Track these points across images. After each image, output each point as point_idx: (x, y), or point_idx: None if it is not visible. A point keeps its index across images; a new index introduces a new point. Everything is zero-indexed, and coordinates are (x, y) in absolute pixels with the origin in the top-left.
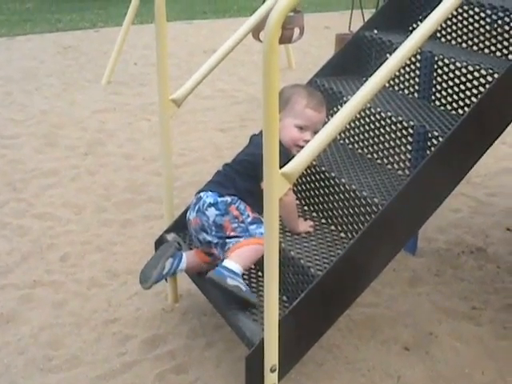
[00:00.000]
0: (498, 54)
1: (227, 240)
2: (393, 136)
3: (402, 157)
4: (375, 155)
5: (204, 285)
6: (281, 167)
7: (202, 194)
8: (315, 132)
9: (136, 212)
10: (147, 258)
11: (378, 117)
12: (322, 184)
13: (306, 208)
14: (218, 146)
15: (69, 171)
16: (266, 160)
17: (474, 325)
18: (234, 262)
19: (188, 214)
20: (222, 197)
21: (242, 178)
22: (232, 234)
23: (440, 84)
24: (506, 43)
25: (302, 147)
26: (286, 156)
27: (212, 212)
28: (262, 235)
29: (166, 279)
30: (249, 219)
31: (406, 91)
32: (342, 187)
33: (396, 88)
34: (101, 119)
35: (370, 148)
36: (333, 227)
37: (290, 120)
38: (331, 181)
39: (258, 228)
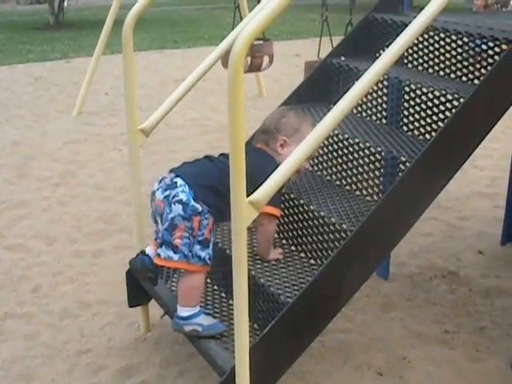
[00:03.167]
0: (464, 78)
1: (163, 246)
2: (361, 162)
3: (371, 182)
4: (344, 181)
5: None
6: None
7: (179, 180)
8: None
9: (108, 242)
10: (119, 288)
11: (345, 143)
12: (291, 211)
13: (275, 236)
14: None
15: (40, 202)
16: (233, 188)
17: (447, 348)
18: (183, 307)
19: (155, 186)
20: (196, 201)
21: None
22: (176, 241)
23: (407, 109)
24: (471, 68)
25: (299, 173)
26: None
27: (177, 209)
28: (199, 260)
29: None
30: (201, 237)
31: (374, 117)
32: (310, 214)
33: (364, 114)
34: (72, 150)
35: (338, 174)
36: (302, 254)
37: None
38: (300, 208)
39: (201, 251)
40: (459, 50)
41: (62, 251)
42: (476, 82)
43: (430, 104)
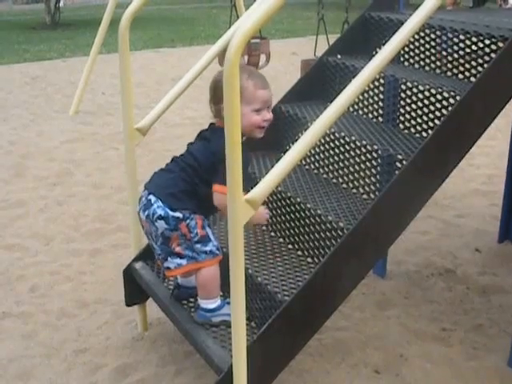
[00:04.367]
0: (461, 76)
1: (169, 258)
2: (357, 160)
3: (367, 181)
4: (340, 180)
5: (173, 313)
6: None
7: (152, 197)
8: (269, 107)
9: (105, 241)
10: (116, 287)
11: (342, 141)
12: (288, 210)
13: (272, 234)
14: None
15: (37, 202)
16: (230, 187)
17: (444, 346)
18: (207, 300)
19: (137, 207)
20: (174, 211)
21: (204, 183)
22: (176, 249)
23: (404, 107)
24: (467, 65)
25: (264, 127)
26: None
27: (161, 225)
28: (206, 255)
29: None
30: (196, 238)
31: (370, 115)
32: (307, 212)
33: (360, 112)
34: (69, 149)
35: (334, 173)
36: (299, 252)
37: (245, 107)
38: (297, 206)
39: (203, 246)
40: (455, 47)
41: (59, 250)
42: (472, 79)
43: (426, 102)
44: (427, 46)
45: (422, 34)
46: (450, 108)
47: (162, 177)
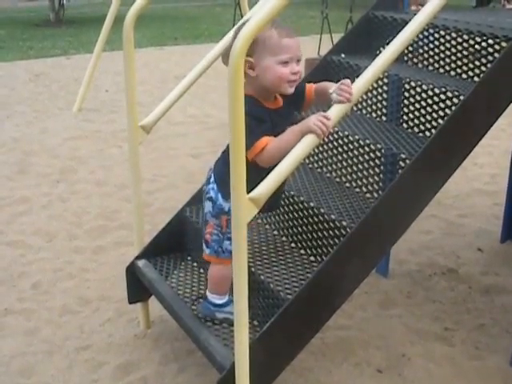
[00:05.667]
0: (464, 76)
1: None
2: (361, 159)
3: (370, 180)
4: (343, 178)
5: (175, 311)
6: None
7: (212, 176)
8: (298, 60)
9: (108, 239)
10: (119, 284)
11: (345, 140)
12: (291, 208)
13: (275, 232)
14: (190, 171)
15: (40, 199)
16: (234, 184)
17: (447, 345)
18: (215, 295)
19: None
20: (224, 199)
21: None
22: (206, 236)
23: (407, 107)
24: (471, 65)
25: (294, 81)
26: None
27: (208, 206)
28: (230, 254)
29: None
30: (229, 234)
31: (374, 114)
32: (310, 211)
33: (364, 111)
34: (72, 146)
35: (338, 171)
36: (302, 251)
37: (271, 59)
38: (300, 205)
39: (231, 246)
40: (459, 47)
41: (61, 247)
42: (476, 79)
43: (429, 101)
44: (431, 45)
45: (426, 34)
46: (453, 107)
47: (222, 157)
